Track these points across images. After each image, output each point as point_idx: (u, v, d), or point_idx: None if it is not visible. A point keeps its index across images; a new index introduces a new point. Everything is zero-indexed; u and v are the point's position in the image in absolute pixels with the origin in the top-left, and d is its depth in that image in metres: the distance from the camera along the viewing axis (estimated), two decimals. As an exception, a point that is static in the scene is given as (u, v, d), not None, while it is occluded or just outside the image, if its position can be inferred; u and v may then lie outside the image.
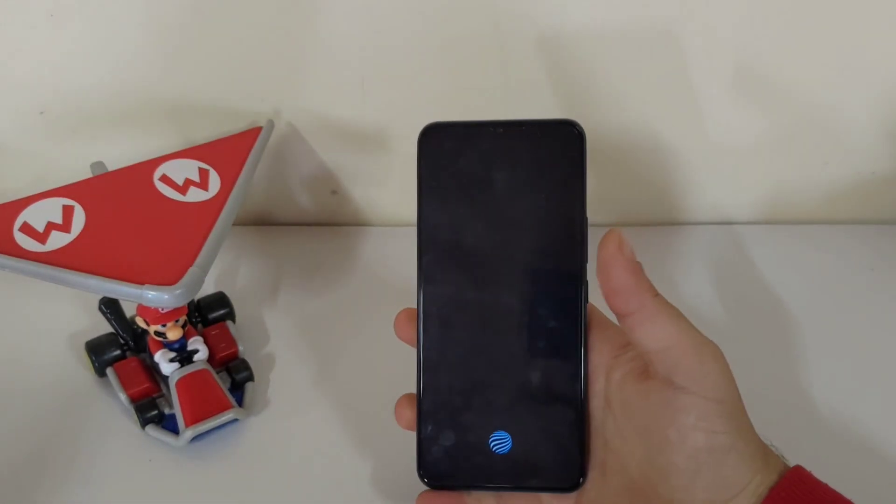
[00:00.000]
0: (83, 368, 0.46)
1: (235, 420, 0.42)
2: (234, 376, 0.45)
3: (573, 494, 0.34)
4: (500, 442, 0.34)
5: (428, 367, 0.34)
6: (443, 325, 0.34)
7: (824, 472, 0.31)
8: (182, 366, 0.42)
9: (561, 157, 0.33)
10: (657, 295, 0.31)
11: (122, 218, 0.41)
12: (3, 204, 0.41)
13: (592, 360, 0.34)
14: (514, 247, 0.33)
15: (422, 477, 0.34)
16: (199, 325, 0.47)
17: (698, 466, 0.29)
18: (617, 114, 0.52)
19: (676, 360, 0.30)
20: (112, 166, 0.46)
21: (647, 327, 0.31)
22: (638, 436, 0.31)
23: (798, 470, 0.31)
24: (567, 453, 0.33)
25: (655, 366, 0.31)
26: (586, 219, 0.33)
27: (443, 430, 0.34)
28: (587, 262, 0.33)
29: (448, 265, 0.34)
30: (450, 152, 0.33)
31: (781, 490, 0.29)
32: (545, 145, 0.33)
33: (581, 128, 0.33)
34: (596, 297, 0.33)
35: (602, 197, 0.58)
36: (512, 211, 0.33)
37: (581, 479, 0.33)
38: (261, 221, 0.59)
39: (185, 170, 0.45)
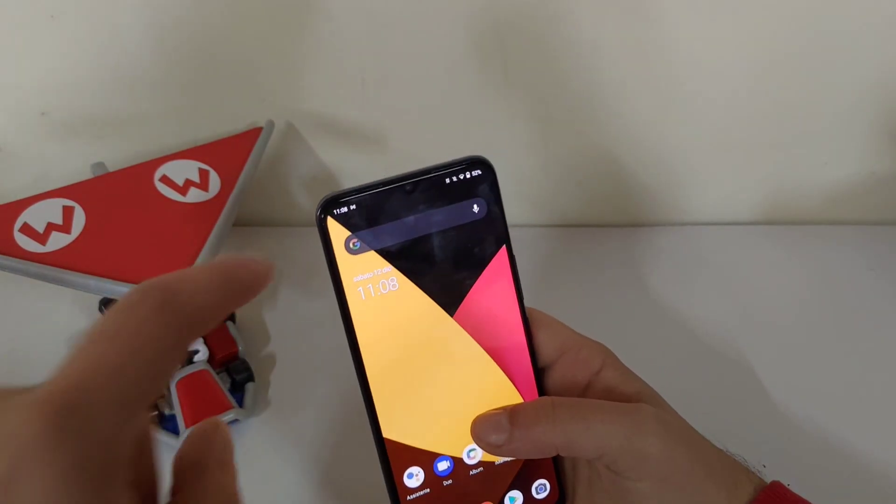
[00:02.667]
0: (83, 369, 0.46)
1: (236, 420, 0.42)
2: (235, 377, 0.45)
3: None
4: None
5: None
6: (401, 409, 0.31)
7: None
8: (182, 366, 0.42)
9: (477, 198, 0.31)
10: (553, 424, 0.30)
11: (123, 219, 0.41)
12: (4, 205, 0.41)
13: (564, 385, 0.33)
14: (454, 303, 0.31)
15: None
16: (200, 326, 0.47)
17: None
18: (617, 114, 0.52)
19: (612, 461, 0.30)
20: (112, 167, 0.46)
21: (573, 452, 0.30)
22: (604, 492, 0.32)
23: (774, 486, 0.31)
24: (546, 487, 0.33)
25: (604, 463, 0.30)
26: (513, 255, 0.32)
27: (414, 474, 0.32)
28: (523, 298, 0.32)
29: (391, 352, 0.31)
30: (359, 226, 0.29)
31: None
32: (460, 191, 0.30)
33: (488, 161, 0.31)
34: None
35: (603, 197, 0.58)
36: (443, 267, 0.31)
37: (566, 502, 0.33)
38: (261, 222, 0.59)
39: (185, 170, 0.45)
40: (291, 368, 0.47)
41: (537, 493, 0.33)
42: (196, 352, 0.43)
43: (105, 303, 0.45)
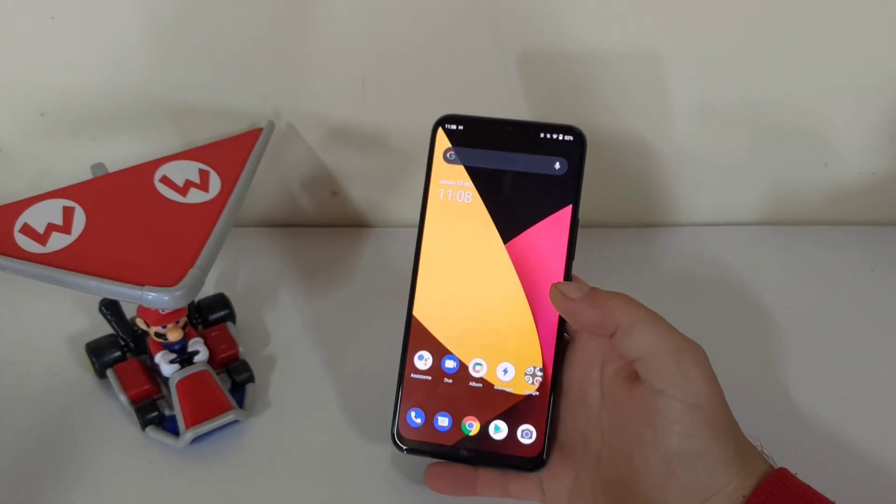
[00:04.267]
0: (83, 370, 0.46)
1: (236, 421, 0.42)
2: (235, 377, 0.45)
3: (538, 475, 0.35)
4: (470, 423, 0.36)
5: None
6: (435, 299, 0.37)
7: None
8: (182, 367, 0.42)
9: (561, 158, 0.36)
10: (628, 305, 0.32)
11: (123, 219, 0.41)
12: (4, 205, 0.41)
13: (587, 349, 0.35)
14: (510, 233, 0.36)
15: (395, 440, 0.36)
16: (200, 327, 0.47)
17: (671, 468, 0.30)
18: (618, 114, 0.52)
19: (656, 367, 0.31)
20: (112, 168, 0.46)
21: (627, 340, 0.32)
22: (620, 431, 0.32)
23: (781, 472, 0.31)
24: (532, 435, 0.35)
25: (639, 370, 0.31)
26: (578, 218, 0.36)
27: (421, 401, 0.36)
28: (573, 259, 0.36)
29: (446, 249, 0.37)
30: (460, 143, 0.37)
31: (762, 492, 0.30)
32: (548, 146, 0.36)
33: (582, 133, 0.36)
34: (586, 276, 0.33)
35: (603, 198, 0.58)
36: (513, 201, 0.36)
37: (544, 460, 0.35)
38: (261, 223, 0.59)
39: (185, 171, 0.45)
40: (291, 369, 0.47)
41: (522, 437, 0.35)
42: (196, 353, 0.43)
43: (105, 303, 0.45)
